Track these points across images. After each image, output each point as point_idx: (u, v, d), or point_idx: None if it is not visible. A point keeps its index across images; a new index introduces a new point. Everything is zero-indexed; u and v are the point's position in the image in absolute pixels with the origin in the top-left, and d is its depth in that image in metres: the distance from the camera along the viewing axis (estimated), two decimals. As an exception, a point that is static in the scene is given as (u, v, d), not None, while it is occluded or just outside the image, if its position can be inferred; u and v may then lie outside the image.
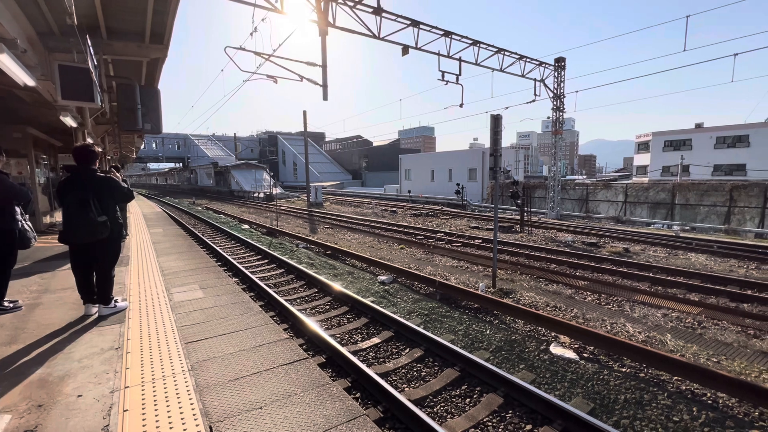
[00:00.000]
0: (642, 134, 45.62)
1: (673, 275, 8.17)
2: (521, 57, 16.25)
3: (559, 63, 18.42)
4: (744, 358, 4.57)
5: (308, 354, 4.12)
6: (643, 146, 45.08)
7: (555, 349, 4.64)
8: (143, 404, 2.47)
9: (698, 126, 41.85)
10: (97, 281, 4.02)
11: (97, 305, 4.06)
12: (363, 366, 3.89)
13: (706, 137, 38.84)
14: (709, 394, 3.74)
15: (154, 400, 2.52)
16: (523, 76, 16.91)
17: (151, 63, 7.73)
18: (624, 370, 4.23)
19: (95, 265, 3.95)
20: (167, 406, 2.45)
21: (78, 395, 2.57)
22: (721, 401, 3.64)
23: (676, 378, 4.02)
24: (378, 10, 11.00)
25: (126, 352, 3.20)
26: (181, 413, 2.39)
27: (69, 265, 3.95)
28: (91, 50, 4.54)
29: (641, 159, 45.30)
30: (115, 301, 4.20)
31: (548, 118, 19.89)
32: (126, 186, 4.16)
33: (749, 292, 7.02)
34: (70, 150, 3.86)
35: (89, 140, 7.90)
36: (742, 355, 4.69)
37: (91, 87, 4.61)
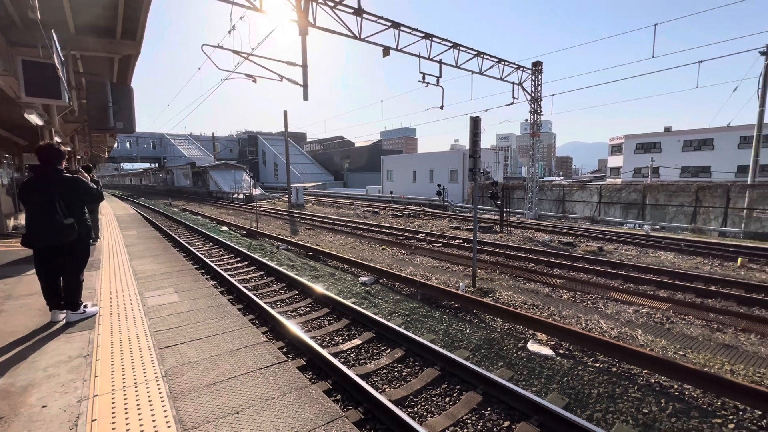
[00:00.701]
0: (615, 137, 47.32)
1: (644, 273, 8.50)
2: (500, 60, 16.58)
3: (536, 67, 18.88)
4: (708, 351, 4.80)
5: (288, 357, 4.08)
6: (616, 149, 46.75)
7: (532, 347, 4.74)
8: (113, 413, 2.39)
9: (667, 129, 43.72)
10: (64, 286, 3.85)
11: (65, 311, 3.89)
12: (343, 368, 3.87)
13: (675, 140, 40.65)
14: (676, 386, 3.91)
15: (125, 409, 2.43)
16: (501, 79, 17.25)
17: (123, 60, 7.46)
18: (597, 365, 4.37)
19: (62, 270, 3.78)
20: (139, 414, 2.37)
21: (42, 406, 2.45)
22: (687, 393, 3.81)
23: (646, 371, 4.18)
24: (359, 11, 11.00)
25: (95, 360, 3.07)
26: (153, 421, 2.31)
27: (34, 270, 3.77)
28: (57, 45, 4.35)
29: (615, 161, 46.96)
30: (84, 306, 4.04)
31: (526, 120, 20.36)
32: (95, 187, 4.00)
33: (713, 288, 7.38)
34: (35, 149, 3.69)
35: (56, 139, 7.56)
36: (706, 348, 4.93)
37: (58, 84, 4.41)
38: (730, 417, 3.43)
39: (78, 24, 5.92)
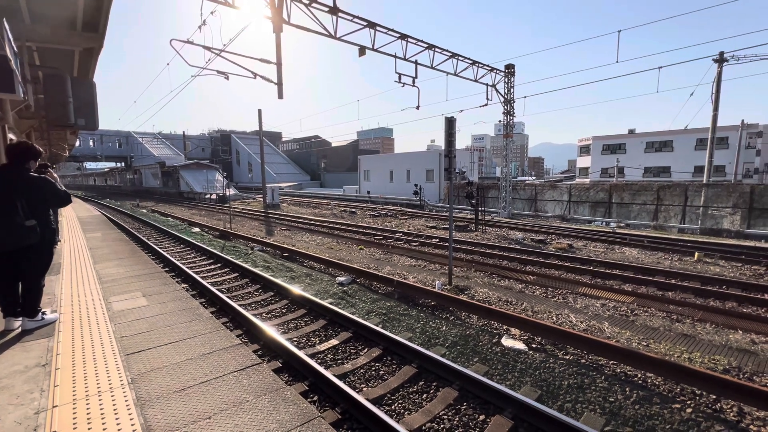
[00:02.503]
0: (584, 138, 49.23)
1: (611, 268, 8.89)
2: (474, 62, 16.89)
3: (509, 69, 19.36)
4: (668, 341, 5.08)
5: (263, 359, 4.00)
6: (584, 149, 48.65)
7: (506, 342, 4.86)
8: (75, 423, 2.26)
9: (631, 132, 45.92)
10: (23, 292, 3.61)
11: (20, 318, 3.65)
12: (320, 368, 3.84)
13: (638, 142, 42.76)
14: (639, 375, 4.11)
15: (88, 419, 2.31)
16: (476, 80, 17.59)
17: (85, 53, 7.09)
18: (567, 357, 4.53)
19: (21, 274, 3.55)
20: (103, 424, 2.26)
21: (-5, 419, 2.29)
22: (649, 381, 4.02)
23: (612, 362, 4.38)
24: (334, 10, 10.93)
25: (55, 369, 2.90)
26: (119, 430, 2.21)
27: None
28: (10, 35, 4.07)
29: (583, 161, 48.86)
30: (43, 313, 3.80)
31: (500, 121, 20.85)
32: (62, 188, 3.75)
33: (673, 281, 7.81)
34: (6, 147, 3.46)
35: (11, 136, 7.11)
36: (667, 338, 5.20)
37: (11, 76, 4.12)
38: (688, 402, 3.64)
39: (33, 13, 5.56)
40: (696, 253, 10.20)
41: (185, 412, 2.41)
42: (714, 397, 3.69)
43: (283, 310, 6.05)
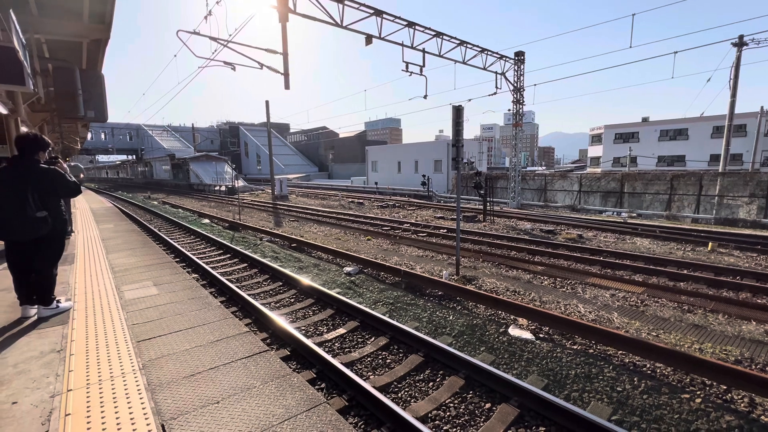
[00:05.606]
0: (595, 127, 48.24)
1: (621, 258, 8.76)
2: (483, 50, 16.58)
3: (519, 57, 18.96)
4: (679, 331, 5.01)
5: (271, 347, 4.06)
6: (596, 139, 47.73)
7: (513, 331, 4.85)
8: (88, 407, 2.33)
9: (645, 120, 44.82)
10: (37, 280, 3.70)
11: (36, 306, 3.75)
12: (327, 356, 3.88)
13: (652, 130, 41.76)
14: (648, 365, 4.07)
15: (101, 402, 2.37)
16: (484, 68, 17.28)
17: (92, 44, 7.13)
18: (575, 347, 4.50)
19: (35, 264, 3.63)
20: (115, 407, 2.32)
21: (12, 402, 2.37)
22: (658, 371, 3.98)
23: (620, 352, 4.34)
24: (340, -2, 10.79)
25: (69, 354, 2.98)
26: (130, 413, 2.27)
27: (5, 265, 3.61)
28: (17, 26, 4.10)
29: (595, 151, 47.97)
30: (58, 301, 3.90)
31: (509, 110, 20.51)
32: (72, 179, 3.80)
33: (685, 271, 7.68)
34: (15, 139, 3.52)
35: (23, 129, 7.22)
36: (677, 328, 5.13)
37: (21, 69, 4.16)
38: (698, 392, 3.59)
39: (40, 4, 5.59)
40: (710, 243, 9.99)
41: (194, 397, 2.46)
42: (725, 387, 3.64)
43: (291, 300, 6.11)
